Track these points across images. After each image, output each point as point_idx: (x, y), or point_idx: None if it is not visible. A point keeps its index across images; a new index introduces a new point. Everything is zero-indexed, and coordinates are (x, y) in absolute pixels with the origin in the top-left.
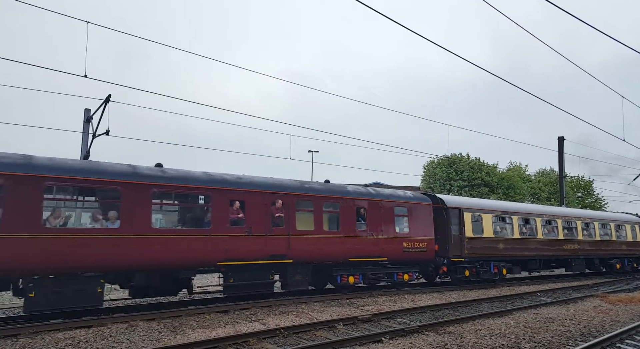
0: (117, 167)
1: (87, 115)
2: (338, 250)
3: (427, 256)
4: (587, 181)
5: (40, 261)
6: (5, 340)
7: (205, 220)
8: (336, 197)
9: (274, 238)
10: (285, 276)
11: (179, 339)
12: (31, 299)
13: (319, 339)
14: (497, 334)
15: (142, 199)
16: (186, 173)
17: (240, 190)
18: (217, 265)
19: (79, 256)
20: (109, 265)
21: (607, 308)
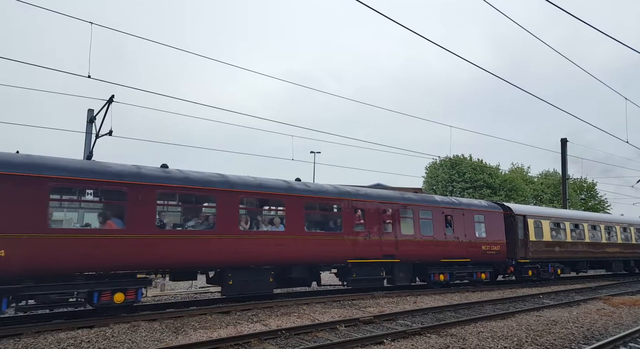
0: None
1: (91, 115)
2: (433, 251)
3: (500, 257)
4: (590, 183)
5: (238, 257)
6: (7, 339)
7: (338, 225)
8: (429, 206)
9: (385, 240)
10: (393, 273)
11: (181, 340)
12: (229, 286)
13: (321, 341)
14: (500, 337)
15: (299, 209)
16: (321, 186)
17: (360, 200)
18: (347, 262)
19: (259, 253)
20: (277, 261)
21: (611, 310)
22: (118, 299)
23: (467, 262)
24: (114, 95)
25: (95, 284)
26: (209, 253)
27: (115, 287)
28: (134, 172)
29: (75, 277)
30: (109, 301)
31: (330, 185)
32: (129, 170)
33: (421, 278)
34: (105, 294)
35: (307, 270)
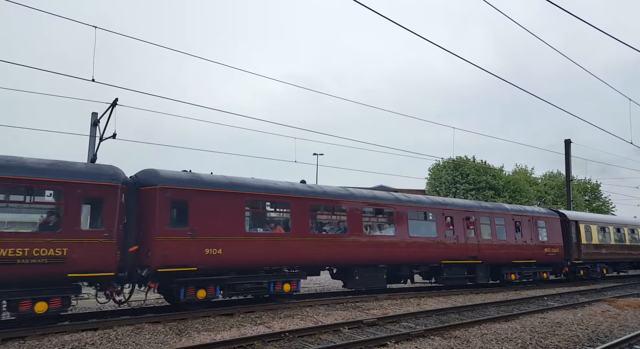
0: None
1: (95, 118)
2: (507, 254)
3: (559, 259)
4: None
5: (363, 257)
6: (12, 342)
7: (433, 230)
8: (503, 213)
9: (470, 244)
10: (475, 273)
11: (184, 342)
12: (355, 280)
13: (324, 343)
14: (504, 339)
15: (404, 217)
16: (418, 198)
17: (450, 208)
18: (440, 262)
19: (377, 254)
20: (389, 261)
21: (616, 312)
22: (286, 289)
23: (532, 263)
24: (117, 98)
25: (272, 276)
26: (343, 254)
27: (284, 279)
28: (293, 188)
29: (258, 271)
30: (281, 290)
31: (425, 196)
32: (290, 187)
33: (494, 278)
34: (278, 285)
35: (409, 269)
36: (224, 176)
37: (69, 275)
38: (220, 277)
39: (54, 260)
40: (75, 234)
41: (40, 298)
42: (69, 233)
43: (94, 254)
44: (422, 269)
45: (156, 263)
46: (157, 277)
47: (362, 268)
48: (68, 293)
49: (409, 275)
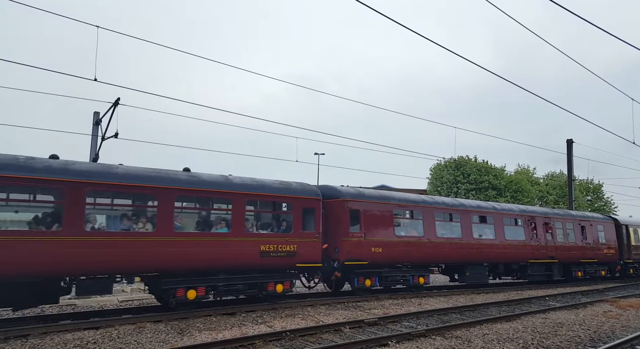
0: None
1: (97, 118)
2: (576, 254)
3: (614, 258)
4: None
5: (472, 257)
6: (15, 340)
7: (522, 234)
8: (572, 218)
9: (548, 246)
10: (551, 270)
11: (186, 341)
12: (466, 276)
13: (325, 342)
14: (505, 339)
15: (501, 222)
16: (510, 206)
17: (533, 215)
18: (529, 261)
19: (482, 254)
20: (490, 259)
21: (618, 313)
22: (421, 281)
23: (594, 262)
24: (119, 97)
25: (412, 271)
26: (459, 254)
27: (419, 273)
28: (421, 199)
29: (402, 267)
30: (417, 283)
31: (515, 205)
32: (418, 198)
33: (562, 275)
34: (416, 278)
35: (504, 267)
36: (378, 191)
37: (297, 265)
38: (379, 270)
39: (290, 254)
40: (300, 235)
41: (280, 281)
42: (297, 234)
43: (311, 250)
44: (514, 267)
45: (343, 257)
46: (342, 268)
47: (472, 266)
48: (294, 279)
49: (503, 272)
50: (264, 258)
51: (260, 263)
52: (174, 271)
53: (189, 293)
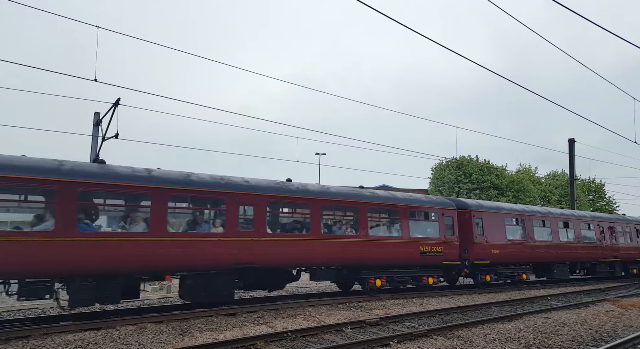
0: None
1: (97, 118)
2: (634, 253)
3: None
4: (598, 184)
5: (559, 257)
6: (16, 341)
7: (594, 237)
8: (628, 223)
9: (613, 247)
10: (614, 268)
11: (187, 342)
12: (553, 273)
13: (327, 343)
14: (507, 339)
15: (579, 227)
16: (583, 213)
17: (601, 220)
18: (599, 260)
19: (567, 255)
20: (572, 259)
21: (620, 312)
22: (524, 277)
23: None
24: (120, 98)
25: (515, 269)
26: (550, 254)
27: (524, 271)
28: (521, 208)
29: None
30: (521, 278)
31: (587, 212)
32: (519, 208)
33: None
34: (520, 275)
35: (580, 266)
36: (493, 203)
37: (443, 263)
38: (495, 268)
39: (439, 254)
40: (445, 239)
41: (431, 275)
42: (443, 238)
43: (452, 251)
44: (586, 265)
45: (472, 257)
46: (471, 267)
47: (558, 265)
48: (440, 274)
49: (579, 270)
50: (423, 257)
51: (420, 261)
52: (367, 266)
53: (377, 281)
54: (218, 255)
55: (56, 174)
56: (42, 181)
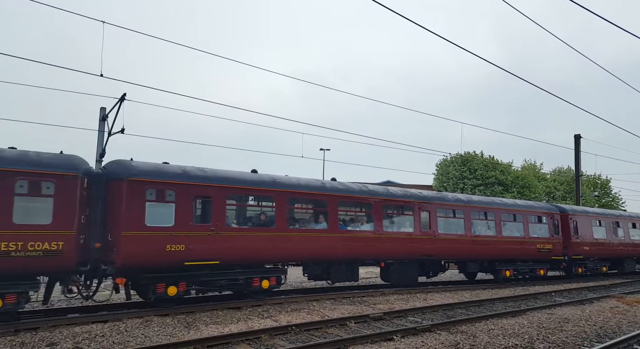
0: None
1: (103, 113)
2: None
3: None
4: (604, 180)
5: (627, 253)
6: (25, 333)
7: (624, 233)
8: None
9: None
10: None
11: (193, 335)
12: (624, 267)
13: (331, 337)
14: (511, 334)
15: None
16: (629, 214)
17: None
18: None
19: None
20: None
21: (624, 309)
22: (604, 270)
23: None
24: (125, 93)
25: (598, 263)
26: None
27: (604, 265)
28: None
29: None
30: (602, 271)
31: (628, 213)
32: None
33: None
34: (602, 268)
35: None
36: (583, 207)
37: (552, 258)
38: (584, 262)
39: (549, 250)
40: (552, 238)
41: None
42: (551, 237)
43: (557, 248)
44: None
45: (571, 253)
46: (569, 261)
47: (627, 259)
48: (548, 267)
49: None
50: (538, 253)
51: (536, 256)
52: (500, 260)
53: (507, 272)
54: (411, 248)
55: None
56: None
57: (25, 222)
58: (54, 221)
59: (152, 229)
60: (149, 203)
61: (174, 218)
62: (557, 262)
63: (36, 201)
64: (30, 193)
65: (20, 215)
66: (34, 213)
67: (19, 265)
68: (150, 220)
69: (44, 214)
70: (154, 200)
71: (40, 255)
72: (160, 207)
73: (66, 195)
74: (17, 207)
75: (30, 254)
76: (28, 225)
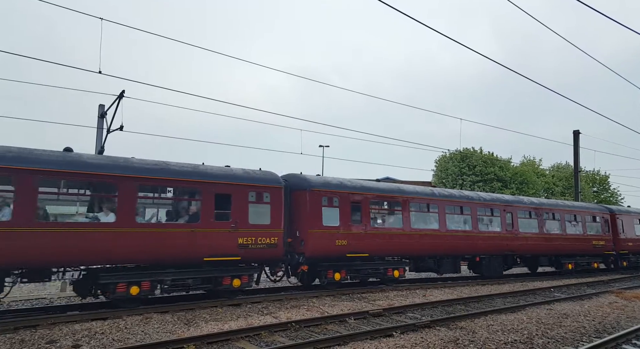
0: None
1: (102, 110)
2: None
3: None
4: (602, 176)
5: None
6: (24, 331)
7: None
8: None
9: None
10: None
11: (192, 332)
12: None
13: (330, 333)
14: (510, 330)
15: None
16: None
17: None
18: None
19: None
20: None
21: (623, 304)
22: (596, 266)
23: None
24: (124, 90)
25: None
26: None
27: None
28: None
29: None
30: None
31: None
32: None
33: None
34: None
35: None
36: (625, 208)
37: (604, 252)
38: (628, 256)
39: (602, 246)
40: (604, 235)
41: (596, 261)
42: (604, 235)
43: (609, 244)
44: None
45: (618, 249)
46: (617, 256)
47: None
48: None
49: None
50: (594, 248)
51: (592, 251)
52: (565, 254)
53: (569, 265)
54: (499, 245)
55: None
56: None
57: (256, 222)
58: (271, 222)
59: (327, 228)
60: (323, 208)
61: (339, 219)
62: (607, 256)
63: (260, 207)
64: (257, 201)
65: (252, 218)
66: (260, 216)
67: (253, 255)
68: (325, 221)
69: (265, 216)
70: (326, 205)
71: (264, 247)
72: (330, 211)
73: (277, 202)
74: (250, 212)
75: (259, 246)
76: (257, 225)
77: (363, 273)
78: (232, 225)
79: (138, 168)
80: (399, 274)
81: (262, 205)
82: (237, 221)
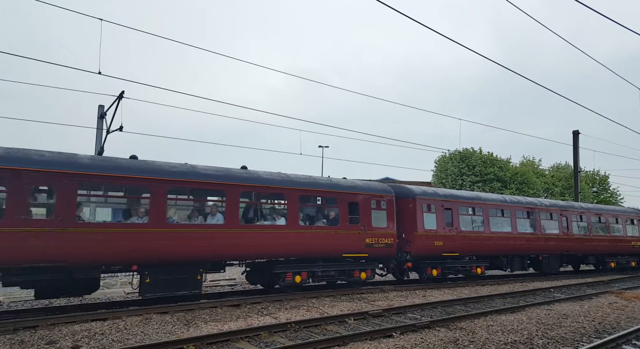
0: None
1: (101, 111)
2: None
3: None
4: (602, 176)
5: None
6: (24, 331)
7: None
8: None
9: None
10: None
11: (192, 332)
12: None
13: (330, 334)
14: (509, 330)
15: None
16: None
17: None
18: None
19: None
20: None
21: (623, 304)
22: (633, 264)
23: None
24: (124, 91)
25: None
26: None
27: None
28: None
29: None
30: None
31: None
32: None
33: None
34: None
35: None
36: None
37: None
38: None
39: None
40: None
41: (634, 260)
42: None
43: None
44: None
45: None
46: None
47: None
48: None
49: None
50: (632, 248)
51: (630, 251)
52: (608, 253)
53: (612, 264)
54: (558, 246)
55: None
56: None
57: (377, 225)
58: (387, 225)
59: (427, 230)
60: (424, 214)
61: (435, 223)
62: None
63: (379, 213)
64: (377, 207)
65: (374, 222)
66: (379, 220)
67: (376, 253)
68: (426, 224)
69: (383, 220)
70: (426, 211)
71: (383, 247)
72: (429, 216)
73: (390, 208)
74: (373, 217)
75: (380, 246)
76: (378, 227)
77: (454, 270)
78: (361, 228)
79: (302, 182)
80: (481, 271)
81: (380, 211)
82: (364, 225)
